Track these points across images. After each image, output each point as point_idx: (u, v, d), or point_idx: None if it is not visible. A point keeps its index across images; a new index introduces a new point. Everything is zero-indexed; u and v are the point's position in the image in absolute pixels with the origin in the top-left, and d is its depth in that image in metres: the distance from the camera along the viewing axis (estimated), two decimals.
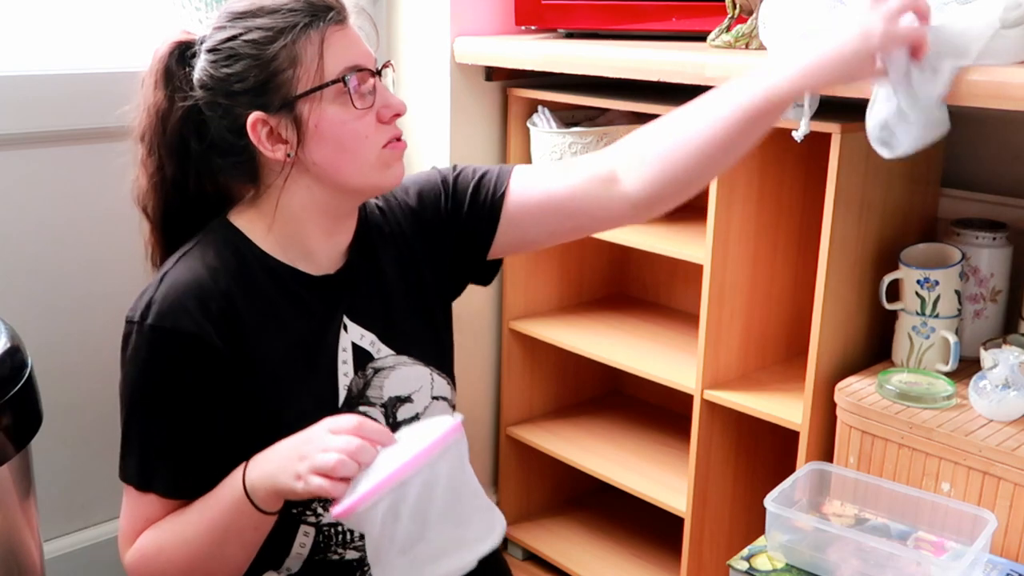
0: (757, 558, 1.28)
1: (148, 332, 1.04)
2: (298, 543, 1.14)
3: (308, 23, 1.05)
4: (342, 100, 1.05)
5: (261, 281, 1.10)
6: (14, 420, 1.06)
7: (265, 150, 1.06)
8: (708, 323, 1.55)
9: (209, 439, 1.07)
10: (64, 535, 1.64)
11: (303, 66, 1.04)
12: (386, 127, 1.09)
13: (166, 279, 1.07)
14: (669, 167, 1.15)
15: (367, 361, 1.15)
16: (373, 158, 1.08)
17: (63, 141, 1.52)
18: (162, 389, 1.05)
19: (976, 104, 1.11)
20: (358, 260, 1.17)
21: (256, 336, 1.08)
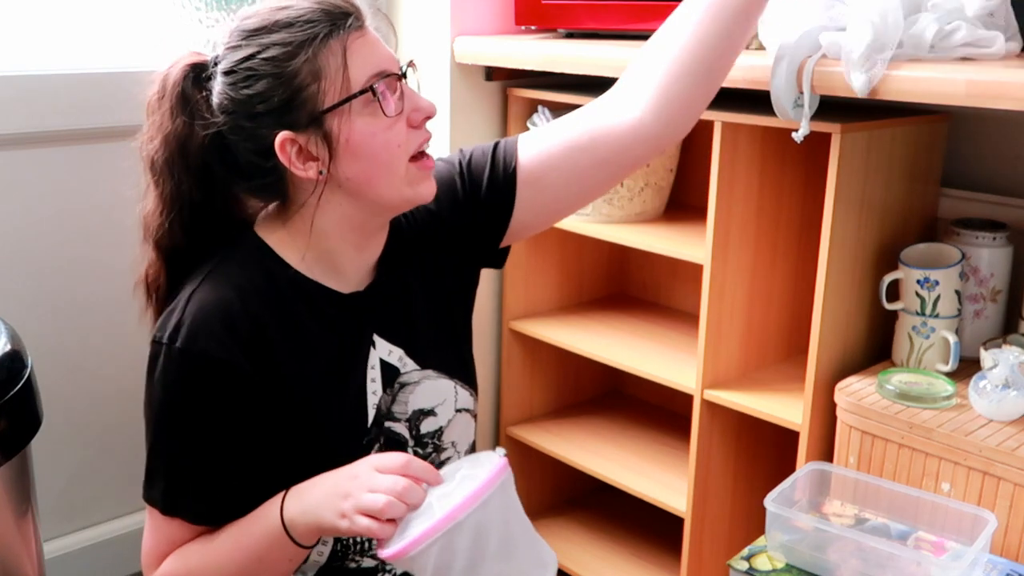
0: (757, 558, 1.28)
1: (177, 356, 1.02)
2: (316, 552, 1.12)
3: (328, 33, 1.00)
4: (371, 110, 1.02)
5: (290, 301, 1.07)
6: (14, 421, 1.06)
7: (297, 170, 1.03)
8: (708, 323, 1.55)
9: (238, 464, 1.05)
10: (64, 535, 1.64)
11: (328, 79, 1.00)
12: (417, 132, 1.06)
13: (194, 299, 1.04)
14: (677, 77, 1.13)
15: (395, 376, 1.13)
16: (403, 171, 1.05)
17: (63, 141, 1.52)
18: (191, 413, 1.03)
19: (976, 104, 1.11)
20: (386, 276, 1.15)
21: (285, 358, 1.06)
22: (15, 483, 1.11)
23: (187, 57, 1.07)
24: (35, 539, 1.19)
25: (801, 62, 1.26)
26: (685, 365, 1.67)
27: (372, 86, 1.01)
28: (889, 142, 1.44)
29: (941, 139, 1.57)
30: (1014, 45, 1.26)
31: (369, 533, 0.93)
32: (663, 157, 1.75)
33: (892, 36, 1.18)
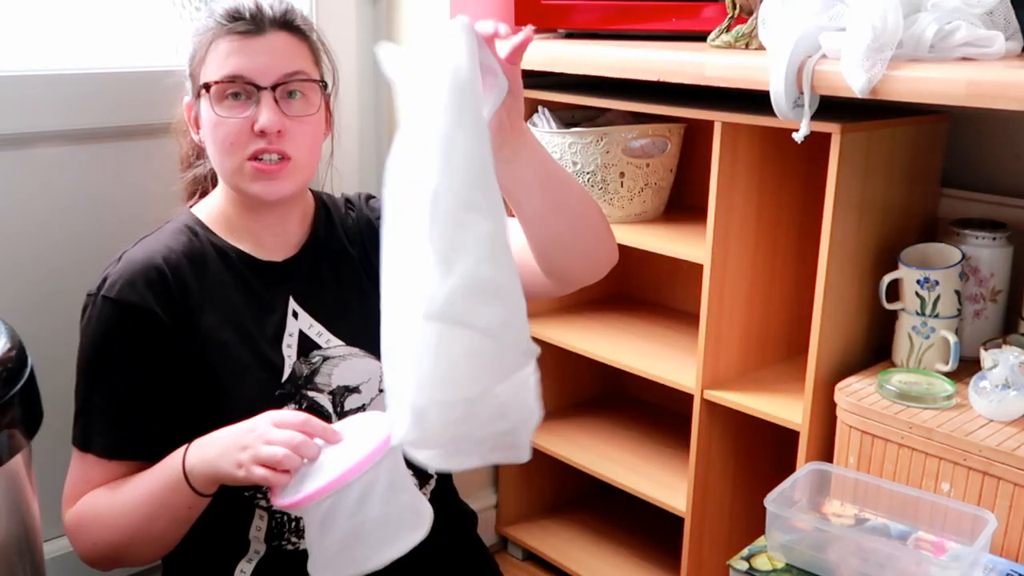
0: (757, 558, 1.28)
1: (100, 303, 1.14)
2: (254, 527, 1.18)
3: (213, 26, 1.15)
4: (209, 104, 1.15)
5: (210, 260, 1.18)
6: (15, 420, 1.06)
7: (191, 131, 1.22)
8: (708, 323, 1.55)
9: (149, 405, 1.13)
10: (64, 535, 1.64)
11: (201, 64, 1.15)
12: (256, 139, 1.15)
13: (124, 258, 1.17)
14: (538, 256, 1.18)
15: (312, 349, 1.20)
16: (238, 164, 1.16)
17: (63, 141, 1.52)
18: (104, 355, 1.14)
19: (976, 104, 1.11)
20: (310, 253, 1.25)
21: (203, 311, 1.15)
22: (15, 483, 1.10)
23: None
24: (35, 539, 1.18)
25: (801, 62, 1.26)
26: (685, 365, 1.67)
27: (206, 84, 1.15)
28: (889, 142, 1.44)
29: (941, 139, 1.58)
30: (1014, 45, 1.26)
31: (264, 482, 0.99)
32: (663, 157, 1.75)
33: (892, 36, 1.18)
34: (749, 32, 1.45)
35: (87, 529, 1.15)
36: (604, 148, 1.70)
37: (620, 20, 1.67)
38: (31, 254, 1.52)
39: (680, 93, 1.62)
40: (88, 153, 1.55)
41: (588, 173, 1.72)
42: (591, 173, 1.72)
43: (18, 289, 1.51)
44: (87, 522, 1.14)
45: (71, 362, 1.58)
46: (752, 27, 1.44)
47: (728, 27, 1.48)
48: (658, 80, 1.48)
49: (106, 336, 1.14)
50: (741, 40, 1.46)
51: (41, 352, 1.24)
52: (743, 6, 1.46)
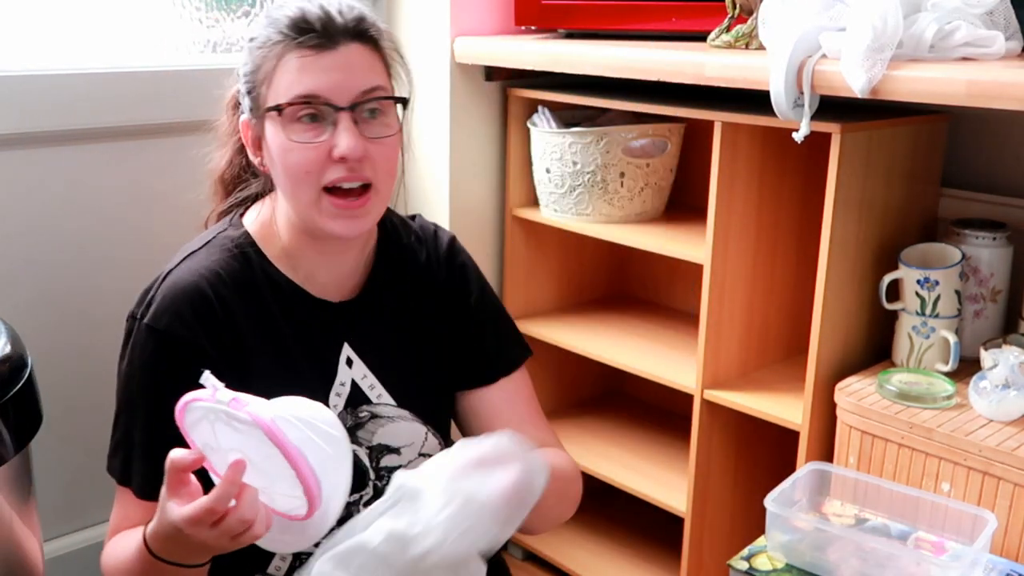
0: (757, 558, 1.28)
1: (143, 331, 1.05)
2: (274, 567, 1.13)
3: (281, 40, 1.02)
4: (280, 127, 1.03)
5: (263, 293, 1.08)
6: (14, 420, 1.06)
7: (249, 152, 1.08)
8: (708, 323, 1.55)
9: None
10: (64, 535, 1.64)
11: (267, 82, 1.03)
12: (334, 167, 1.03)
13: (169, 278, 1.07)
14: None
15: (362, 403, 1.13)
16: (313, 196, 1.04)
17: (64, 141, 1.52)
18: (149, 389, 1.05)
19: (976, 104, 1.11)
20: (372, 297, 1.15)
21: (251, 347, 1.07)
22: (15, 483, 1.11)
23: None
24: (35, 539, 1.19)
25: (801, 62, 1.26)
26: (685, 365, 1.67)
27: (278, 107, 1.02)
28: (889, 142, 1.44)
29: (941, 139, 1.57)
30: (1014, 45, 1.26)
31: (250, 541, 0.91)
32: (664, 157, 1.75)
33: (892, 36, 1.18)
34: (749, 32, 1.45)
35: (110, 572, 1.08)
36: (604, 148, 1.70)
37: (620, 20, 1.67)
38: (31, 254, 1.52)
39: (680, 93, 1.62)
40: (88, 153, 1.55)
41: (588, 173, 1.72)
42: (591, 173, 1.72)
43: (18, 289, 1.51)
44: (110, 566, 1.07)
45: (71, 362, 1.58)
46: (752, 27, 1.44)
47: (728, 27, 1.48)
48: (658, 80, 1.48)
49: (150, 369, 1.05)
50: (741, 40, 1.46)
51: (41, 352, 1.25)
52: (743, 6, 1.46)
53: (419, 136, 1.87)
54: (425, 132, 1.86)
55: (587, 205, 1.75)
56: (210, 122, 1.20)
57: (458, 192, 1.84)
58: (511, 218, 1.89)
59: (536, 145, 1.80)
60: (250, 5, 1.75)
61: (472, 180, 1.86)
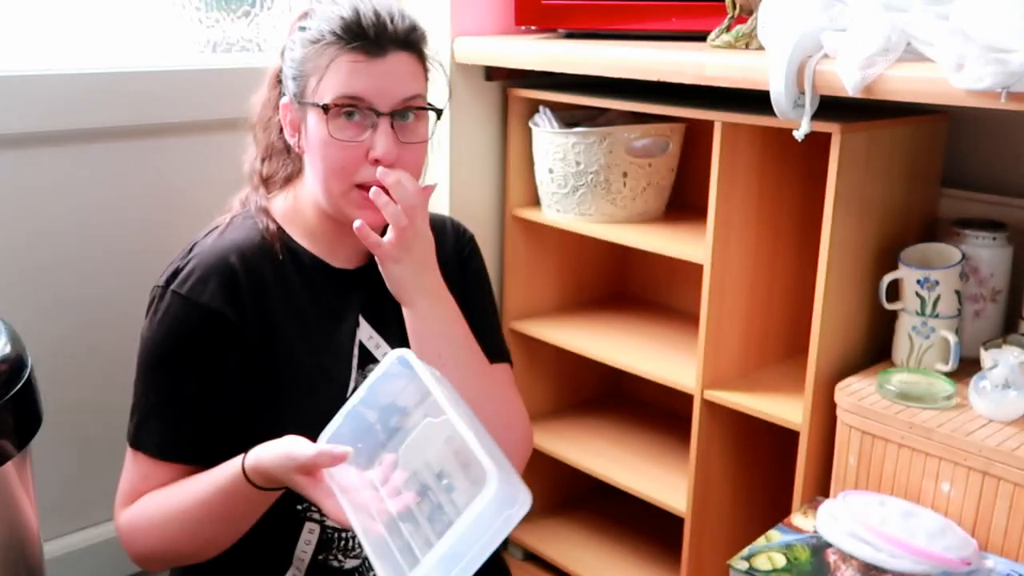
0: (757, 558, 1.28)
1: (169, 298, 1.09)
2: (303, 540, 1.15)
3: (334, 41, 1.08)
4: (323, 123, 1.09)
5: (285, 263, 1.14)
6: (14, 420, 1.06)
7: (285, 132, 1.14)
8: (708, 323, 1.55)
9: (209, 409, 1.10)
10: (64, 535, 1.64)
11: (319, 77, 1.09)
12: (368, 168, 1.10)
13: (195, 249, 1.12)
14: None
15: (370, 361, 1.16)
16: (345, 188, 1.11)
17: (64, 141, 1.52)
18: (170, 354, 1.10)
19: (976, 104, 1.11)
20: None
21: (273, 316, 1.12)
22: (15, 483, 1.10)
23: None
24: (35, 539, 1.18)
25: (801, 62, 1.26)
26: (685, 365, 1.67)
27: (325, 105, 1.08)
28: (889, 142, 1.44)
29: (941, 139, 1.57)
30: None
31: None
32: (665, 156, 1.75)
33: (894, 37, 1.18)
34: (749, 32, 1.45)
35: (142, 534, 1.12)
36: (607, 148, 1.70)
37: (620, 20, 1.67)
38: (31, 254, 1.52)
39: (680, 93, 1.62)
40: (88, 153, 1.55)
41: (591, 173, 1.72)
42: (594, 173, 1.72)
43: (18, 289, 1.51)
44: (141, 527, 1.12)
45: (71, 362, 1.58)
46: (752, 27, 1.44)
47: (728, 27, 1.48)
48: (658, 80, 1.48)
49: (174, 334, 1.10)
50: (741, 40, 1.46)
51: (41, 352, 1.25)
52: (743, 6, 1.46)
53: None
54: None
55: (590, 205, 1.75)
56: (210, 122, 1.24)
57: (458, 192, 1.84)
58: (511, 218, 1.89)
59: (538, 145, 1.80)
60: (250, 5, 1.75)
61: (472, 180, 1.86)
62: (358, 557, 1.17)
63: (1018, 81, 1.06)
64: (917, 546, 1.21)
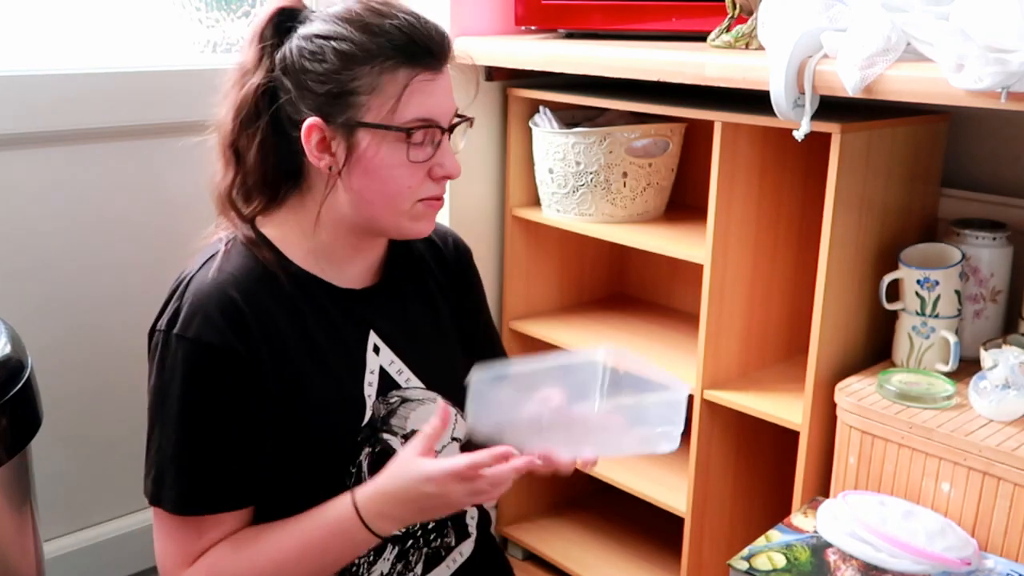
0: (757, 558, 1.28)
1: (175, 343, 1.02)
2: None
3: (402, 60, 1.03)
4: (400, 147, 1.04)
5: (287, 291, 1.08)
6: (14, 421, 1.06)
7: (310, 155, 1.05)
8: (708, 323, 1.55)
9: (240, 449, 1.04)
10: (64, 535, 1.64)
11: (379, 98, 1.03)
12: (432, 184, 1.08)
13: (191, 286, 1.05)
14: None
15: (392, 388, 1.13)
16: (407, 207, 1.07)
17: (63, 141, 1.52)
18: (189, 401, 1.03)
19: (976, 104, 1.11)
20: (390, 281, 1.17)
21: (285, 344, 1.06)
22: (15, 483, 1.11)
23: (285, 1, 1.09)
24: (35, 539, 1.19)
25: (801, 62, 1.26)
26: (685, 365, 1.67)
27: (410, 129, 1.04)
28: (889, 142, 1.44)
29: (941, 139, 1.57)
30: None
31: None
32: (665, 156, 1.75)
33: (894, 37, 1.18)
34: (749, 32, 1.45)
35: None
36: (607, 148, 1.70)
37: (620, 20, 1.67)
38: (31, 254, 1.52)
39: (680, 93, 1.62)
40: (89, 153, 1.55)
41: (591, 173, 1.72)
42: (594, 173, 1.72)
43: (18, 289, 1.51)
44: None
45: (71, 363, 1.58)
46: (752, 27, 1.44)
47: (728, 27, 1.48)
48: (658, 80, 1.48)
49: (189, 380, 1.02)
50: (741, 40, 1.46)
51: (41, 353, 1.25)
52: (743, 6, 1.46)
53: None
54: None
55: (590, 205, 1.75)
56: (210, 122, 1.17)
57: (458, 192, 1.84)
58: (511, 218, 1.89)
59: (538, 145, 1.80)
60: (250, 5, 1.75)
61: (472, 180, 1.86)
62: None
63: (1018, 81, 1.06)
64: (917, 546, 1.21)
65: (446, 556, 1.19)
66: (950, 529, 1.25)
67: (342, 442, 1.08)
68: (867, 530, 1.25)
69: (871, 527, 1.25)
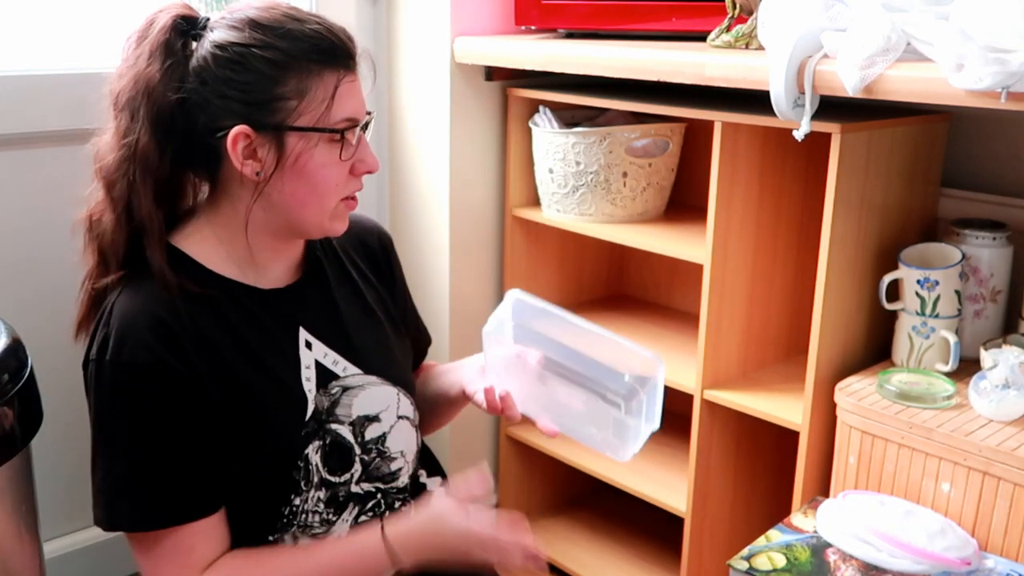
0: (757, 558, 1.28)
1: (109, 369, 1.04)
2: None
3: (327, 64, 1.05)
4: (332, 147, 1.07)
5: (213, 298, 1.09)
6: (14, 420, 1.06)
7: (236, 161, 1.05)
8: (708, 323, 1.55)
9: (192, 460, 1.05)
10: (64, 535, 1.64)
11: (309, 102, 1.04)
12: (354, 180, 1.11)
13: (115, 310, 1.06)
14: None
15: (331, 379, 1.14)
16: (333, 206, 1.10)
17: (63, 141, 1.52)
18: (133, 424, 1.03)
19: (976, 104, 1.11)
20: (312, 276, 1.19)
21: (218, 353, 1.07)
22: (15, 482, 1.11)
23: (178, 7, 1.09)
24: (35, 539, 1.19)
25: (801, 62, 1.26)
26: (685, 365, 1.67)
27: (343, 130, 1.06)
28: (889, 142, 1.44)
29: (941, 139, 1.58)
30: None
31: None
32: (665, 156, 1.75)
33: (894, 37, 1.18)
34: (749, 32, 1.45)
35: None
36: (607, 148, 1.70)
37: (620, 20, 1.67)
38: (32, 254, 1.52)
39: (680, 93, 1.62)
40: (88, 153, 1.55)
41: (591, 173, 1.72)
42: (594, 173, 1.72)
43: (18, 289, 1.51)
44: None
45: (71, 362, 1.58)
46: (752, 27, 1.44)
47: (728, 27, 1.48)
48: (658, 80, 1.48)
49: (128, 405, 1.03)
50: (741, 40, 1.46)
51: (41, 352, 1.25)
52: (743, 6, 1.46)
53: (419, 136, 1.87)
54: (425, 132, 1.86)
55: (590, 205, 1.75)
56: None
57: (458, 192, 1.84)
58: (511, 218, 1.89)
59: (538, 145, 1.80)
60: None
61: (472, 180, 1.86)
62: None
63: (1018, 81, 1.06)
64: (917, 546, 1.21)
65: None
66: (950, 529, 1.25)
67: (287, 439, 1.10)
68: (867, 530, 1.25)
69: (871, 527, 1.25)
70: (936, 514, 1.27)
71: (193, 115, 1.05)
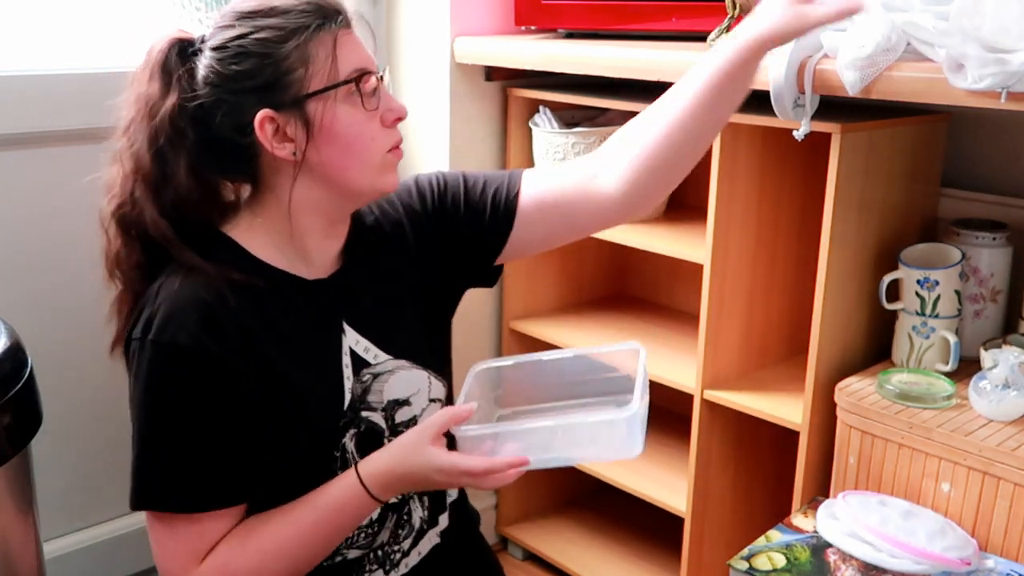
0: (757, 558, 1.28)
1: (150, 348, 1.04)
2: None
3: (320, 24, 1.06)
4: (352, 101, 1.06)
5: (258, 289, 1.09)
6: (14, 420, 1.06)
7: (270, 147, 1.06)
8: (708, 323, 1.55)
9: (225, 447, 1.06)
10: (64, 535, 1.64)
11: (315, 66, 1.05)
12: (390, 131, 1.10)
13: (162, 292, 1.06)
14: (648, 161, 1.17)
15: (363, 367, 1.15)
16: (378, 161, 1.09)
17: (63, 141, 1.52)
18: (169, 406, 1.04)
19: (976, 104, 1.11)
20: (352, 264, 1.18)
21: (258, 341, 1.07)
22: (15, 483, 1.11)
23: (173, 33, 1.11)
24: (35, 539, 1.19)
25: (801, 62, 1.26)
26: (685, 365, 1.67)
27: (356, 78, 1.06)
28: (889, 142, 1.44)
29: (941, 139, 1.58)
30: None
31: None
32: None
33: (894, 37, 1.18)
34: None
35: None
36: None
37: (620, 20, 1.67)
38: (32, 254, 1.52)
39: None
40: (91, 153, 1.54)
41: None
42: None
43: (18, 289, 1.51)
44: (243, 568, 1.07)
45: (71, 362, 1.58)
46: None
47: (728, 27, 1.48)
48: (658, 80, 1.48)
49: (167, 385, 1.04)
50: None
51: (41, 352, 1.25)
52: (743, 6, 1.46)
53: (419, 136, 1.87)
54: (425, 132, 1.86)
55: None
56: None
57: None
58: None
59: (538, 145, 1.80)
60: None
61: None
62: (361, 548, 1.17)
63: (1018, 81, 1.06)
64: (917, 546, 1.21)
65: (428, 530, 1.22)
66: (950, 529, 1.25)
67: (326, 429, 1.10)
68: (867, 530, 1.25)
69: (871, 527, 1.25)
70: (936, 514, 1.27)
71: (212, 124, 1.06)
